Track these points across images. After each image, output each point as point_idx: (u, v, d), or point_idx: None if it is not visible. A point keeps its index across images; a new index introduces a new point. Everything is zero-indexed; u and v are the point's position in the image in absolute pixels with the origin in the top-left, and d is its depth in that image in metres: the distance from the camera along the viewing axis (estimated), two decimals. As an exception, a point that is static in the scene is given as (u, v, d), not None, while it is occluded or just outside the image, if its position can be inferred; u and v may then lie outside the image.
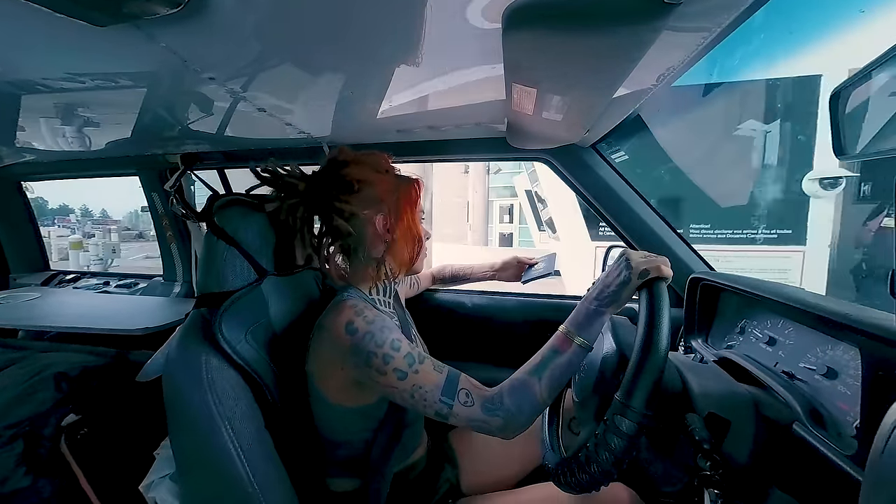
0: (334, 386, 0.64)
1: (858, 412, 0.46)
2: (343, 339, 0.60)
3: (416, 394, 0.57)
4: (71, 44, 0.50)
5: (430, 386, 0.57)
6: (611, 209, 1.02)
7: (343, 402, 0.65)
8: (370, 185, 0.68)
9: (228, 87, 0.66)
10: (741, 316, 0.77)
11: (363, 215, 0.67)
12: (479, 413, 0.57)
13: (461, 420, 0.57)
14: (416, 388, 0.57)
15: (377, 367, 0.58)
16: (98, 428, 0.80)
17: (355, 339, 0.59)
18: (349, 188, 0.67)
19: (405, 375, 0.57)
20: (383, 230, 0.69)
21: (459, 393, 0.58)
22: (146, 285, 1.57)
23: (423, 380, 0.58)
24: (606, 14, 0.39)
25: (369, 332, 0.59)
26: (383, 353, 0.58)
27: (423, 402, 0.57)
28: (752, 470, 0.53)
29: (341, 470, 0.70)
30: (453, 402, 0.57)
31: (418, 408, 0.58)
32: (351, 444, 0.68)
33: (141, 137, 1.05)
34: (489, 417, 0.57)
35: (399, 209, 0.69)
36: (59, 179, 1.60)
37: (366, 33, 0.50)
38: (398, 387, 0.58)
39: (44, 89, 0.67)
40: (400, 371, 0.57)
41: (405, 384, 0.57)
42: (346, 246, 0.69)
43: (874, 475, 0.34)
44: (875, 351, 0.45)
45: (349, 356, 0.59)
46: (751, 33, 2.89)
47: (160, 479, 0.71)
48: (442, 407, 0.57)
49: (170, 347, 0.64)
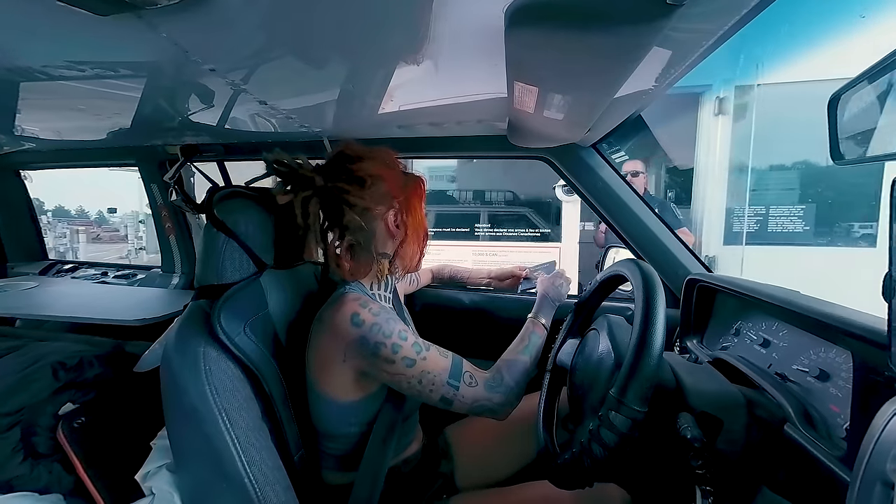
0: (332, 379, 0.64)
1: (849, 414, 0.47)
2: (348, 332, 0.60)
3: (423, 379, 0.59)
4: (71, 32, 0.50)
5: (437, 370, 0.60)
6: (610, 209, 1.02)
7: (339, 396, 0.65)
8: (381, 181, 0.68)
9: (229, 79, 0.66)
10: (736, 317, 0.77)
11: (375, 211, 0.67)
12: (482, 392, 0.62)
13: (465, 401, 0.61)
14: (424, 374, 0.60)
15: (386, 356, 0.59)
16: (95, 417, 0.80)
17: (362, 331, 0.60)
18: (361, 183, 0.66)
19: (413, 363, 0.59)
20: (393, 226, 0.69)
21: (464, 375, 0.62)
22: (144, 276, 1.57)
23: (432, 365, 0.60)
24: (609, 14, 0.39)
25: (376, 323, 0.60)
26: (392, 343, 0.59)
27: (429, 387, 0.60)
28: (742, 469, 0.54)
29: (336, 463, 0.71)
30: (459, 384, 0.61)
31: (423, 394, 0.60)
32: (345, 438, 0.69)
33: (141, 128, 1.05)
34: (492, 394, 0.62)
35: (409, 205, 0.71)
36: (59, 169, 1.59)
37: (369, 28, 0.50)
38: (406, 374, 0.59)
39: (43, 77, 0.66)
40: (409, 359, 0.59)
41: (413, 371, 0.59)
42: (355, 240, 0.68)
43: (862, 476, 0.34)
44: (867, 355, 0.46)
45: (355, 348, 0.60)
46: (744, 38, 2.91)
47: (157, 469, 0.71)
48: (448, 390, 0.60)
49: (168, 338, 0.64)
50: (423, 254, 0.76)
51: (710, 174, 3.32)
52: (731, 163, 3.23)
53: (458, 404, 0.61)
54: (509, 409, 0.64)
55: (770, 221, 3.23)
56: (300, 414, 0.71)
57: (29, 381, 0.77)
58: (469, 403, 0.62)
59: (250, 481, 0.57)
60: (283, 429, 0.68)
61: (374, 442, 0.68)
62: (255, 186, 0.77)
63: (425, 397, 0.61)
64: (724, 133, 3.28)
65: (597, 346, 0.64)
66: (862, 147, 0.37)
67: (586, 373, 0.63)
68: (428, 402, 0.62)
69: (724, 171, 3.26)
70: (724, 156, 3.24)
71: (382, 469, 0.68)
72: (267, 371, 0.66)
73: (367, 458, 0.68)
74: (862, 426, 0.38)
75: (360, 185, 0.66)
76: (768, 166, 3.27)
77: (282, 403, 0.68)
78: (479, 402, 0.62)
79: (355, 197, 0.65)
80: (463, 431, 0.89)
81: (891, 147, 0.34)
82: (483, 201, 4.32)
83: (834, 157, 0.39)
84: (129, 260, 6.74)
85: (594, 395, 0.59)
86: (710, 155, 3.29)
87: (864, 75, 0.34)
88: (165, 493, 0.68)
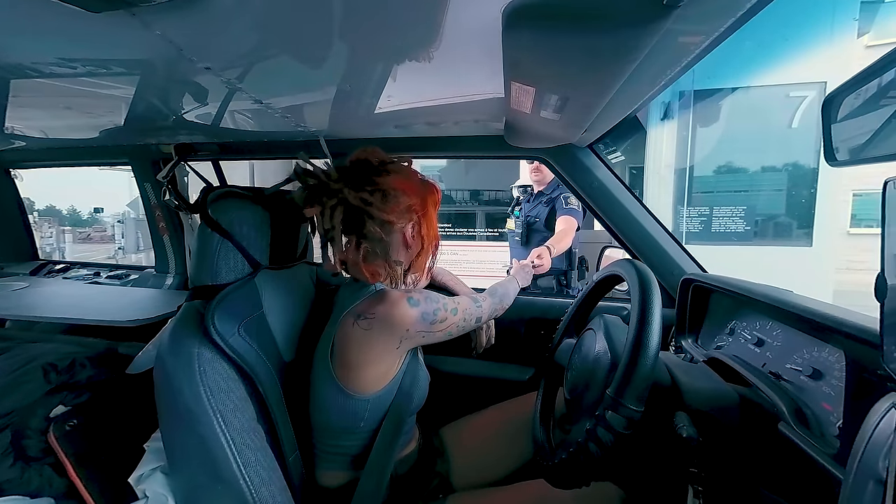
0: (374, 371, 0.66)
1: (841, 412, 0.47)
2: (408, 314, 0.66)
3: (466, 317, 0.76)
4: (64, 29, 0.49)
5: (467, 305, 0.77)
6: (605, 209, 1.02)
7: (367, 389, 0.66)
8: (405, 195, 0.69)
9: (225, 78, 0.65)
10: (731, 317, 0.78)
11: (397, 224, 0.69)
12: (489, 300, 0.86)
13: (485, 311, 0.83)
14: (465, 311, 0.76)
15: (442, 318, 0.70)
16: (88, 419, 0.79)
17: (422, 308, 0.68)
18: (385, 196, 0.67)
19: (456, 310, 0.74)
20: (410, 237, 0.73)
21: (474, 299, 0.81)
22: (138, 277, 1.55)
23: (464, 304, 0.77)
24: (605, 14, 0.40)
25: (428, 297, 0.70)
26: (442, 305, 0.71)
27: (463, 320, 0.75)
28: (737, 468, 0.55)
29: (344, 462, 0.71)
30: (481, 303, 0.81)
31: (468, 326, 0.77)
32: (358, 435, 0.69)
33: (134, 126, 1.04)
34: (501, 299, 0.92)
35: (428, 218, 0.74)
36: (50, 167, 1.57)
37: (366, 27, 0.50)
38: (455, 322, 0.73)
39: (34, 74, 0.65)
40: (454, 309, 0.74)
41: (458, 315, 0.74)
42: (371, 249, 0.70)
43: (854, 474, 0.35)
44: (859, 353, 0.46)
45: (418, 324, 0.67)
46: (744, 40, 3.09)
47: (150, 472, 0.70)
48: (476, 310, 0.79)
49: (162, 339, 0.63)
50: (435, 262, 0.80)
51: (658, 175, 3.50)
52: (677, 165, 3.48)
53: (482, 314, 0.81)
54: (504, 306, 0.93)
55: (713, 222, 3.49)
56: (295, 415, 0.71)
57: (19, 383, 0.76)
58: (487, 311, 0.84)
59: (246, 483, 0.57)
60: (279, 430, 0.67)
61: (383, 439, 0.68)
62: (250, 187, 0.76)
63: (468, 328, 0.77)
64: (669, 137, 3.45)
65: (593, 346, 0.64)
66: (855, 149, 0.38)
67: (583, 372, 0.63)
68: (466, 330, 0.77)
69: (670, 172, 3.49)
70: (671, 158, 3.48)
71: (389, 467, 0.68)
72: (262, 372, 0.66)
73: (375, 456, 0.68)
74: (854, 424, 0.39)
75: (383, 197, 0.67)
76: (712, 170, 3.54)
77: (277, 404, 0.68)
78: (494, 307, 0.87)
79: (378, 210, 0.67)
80: (459, 431, 0.89)
81: (884, 149, 0.34)
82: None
83: (827, 158, 0.40)
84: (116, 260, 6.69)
85: (591, 395, 0.59)
86: (658, 158, 3.49)
87: (858, 78, 0.35)
88: (159, 496, 0.67)
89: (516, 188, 2.07)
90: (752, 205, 3.45)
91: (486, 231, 4.67)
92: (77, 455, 0.75)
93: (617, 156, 1.03)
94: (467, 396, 1.00)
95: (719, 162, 3.53)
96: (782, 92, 3.29)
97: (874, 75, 0.33)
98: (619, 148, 1.01)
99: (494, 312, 0.89)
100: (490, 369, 1.12)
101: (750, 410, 0.56)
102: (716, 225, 3.50)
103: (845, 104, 0.38)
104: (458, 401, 0.98)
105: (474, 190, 4.89)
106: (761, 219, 3.49)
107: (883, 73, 0.33)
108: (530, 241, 1.86)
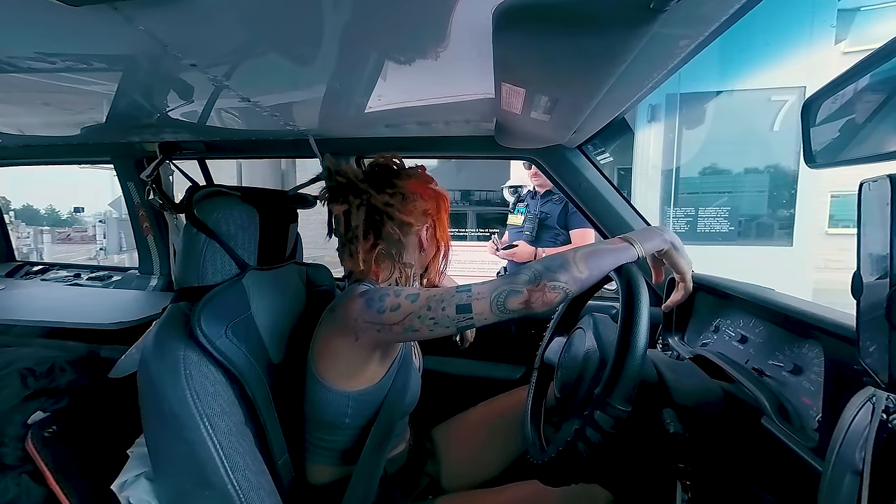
0: (344, 365, 0.65)
1: (820, 406, 0.49)
2: (356, 303, 0.61)
3: (432, 305, 0.55)
4: (42, 22, 0.48)
5: (442, 291, 0.57)
6: (594, 209, 1.04)
7: (348, 385, 0.66)
8: (422, 199, 0.72)
9: (211, 75, 0.64)
10: (716, 315, 0.80)
11: (415, 227, 0.71)
12: (499, 281, 0.55)
13: (484, 296, 0.54)
14: (431, 299, 0.56)
15: (391, 305, 0.57)
16: (68, 426, 0.77)
17: (368, 295, 0.61)
18: (404, 198, 0.70)
19: (417, 296, 0.57)
20: (426, 240, 0.74)
21: (464, 287, 0.57)
22: (120, 278, 1.51)
23: (435, 290, 0.57)
24: (594, 17, 0.40)
25: (381, 287, 0.66)
26: (393, 290, 0.60)
27: (440, 309, 0.55)
28: (722, 462, 0.56)
29: (334, 457, 0.71)
30: (470, 287, 0.55)
31: (439, 318, 0.55)
32: (346, 431, 0.69)
33: (117, 124, 1.01)
34: (513, 277, 0.54)
35: (441, 222, 0.76)
36: (29, 165, 1.52)
37: (356, 25, 0.49)
38: (414, 309, 0.56)
39: (10, 69, 0.63)
40: (412, 294, 0.58)
41: (420, 302, 0.56)
42: (386, 250, 0.71)
43: (833, 466, 0.36)
44: (836, 349, 0.48)
45: (363, 313, 0.59)
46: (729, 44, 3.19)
47: (134, 478, 0.69)
48: (461, 297, 0.55)
49: (146, 342, 0.62)
50: (447, 266, 0.81)
51: (645, 176, 3.60)
52: (664, 166, 3.56)
53: (478, 305, 0.54)
54: (534, 286, 0.53)
55: (699, 222, 3.59)
56: (284, 417, 0.70)
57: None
58: (488, 296, 0.54)
59: (234, 487, 0.56)
60: (267, 433, 0.66)
61: (374, 439, 0.68)
62: (237, 186, 0.75)
63: (443, 322, 0.55)
64: (656, 139, 3.55)
65: (583, 345, 0.65)
66: (834, 151, 0.39)
67: (573, 370, 0.64)
68: (448, 326, 0.56)
69: (657, 174, 3.57)
70: (658, 160, 3.56)
71: (380, 468, 0.68)
72: (249, 374, 0.65)
73: (366, 456, 0.68)
74: (833, 418, 0.40)
75: (403, 200, 0.70)
76: (697, 171, 3.65)
77: (265, 407, 0.67)
78: (498, 288, 0.54)
79: (398, 211, 0.69)
80: (449, 432, 0.90)
81: (860, 152, 0.35)
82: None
83: (807, 160, 0.41)
84: (97, 261, 6.50)
85: (580, 393, 0.60)
86: (645, 159, 3.58)
87: (836, 82, 0.36)
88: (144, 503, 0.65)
89: (507, 189, 2.08)
90: (735, 205, 3.55)
91: (478, 231, 4.70)
92: (57, 462, 0.72)
93: (606, 157, 1.05)
94: (458, 395, 1.00)
95: (704, 164, 3.63)
96: (764, 96, 3.39)
97: (851, 80, 0.35)
98: (608, 149, 1.02)
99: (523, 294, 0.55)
100: (481, 368, 1.13)
101: (734, 406, 0.57)
102: (701, 225, 3.59)
103: (823, 108, 0.39)
104: (449, 400, 0.98)
105: (465, 190, 4.91)
106: (744, 219, 3.59)
107: (859, 79, 0.34)
108: (540, 237, 1.88)
